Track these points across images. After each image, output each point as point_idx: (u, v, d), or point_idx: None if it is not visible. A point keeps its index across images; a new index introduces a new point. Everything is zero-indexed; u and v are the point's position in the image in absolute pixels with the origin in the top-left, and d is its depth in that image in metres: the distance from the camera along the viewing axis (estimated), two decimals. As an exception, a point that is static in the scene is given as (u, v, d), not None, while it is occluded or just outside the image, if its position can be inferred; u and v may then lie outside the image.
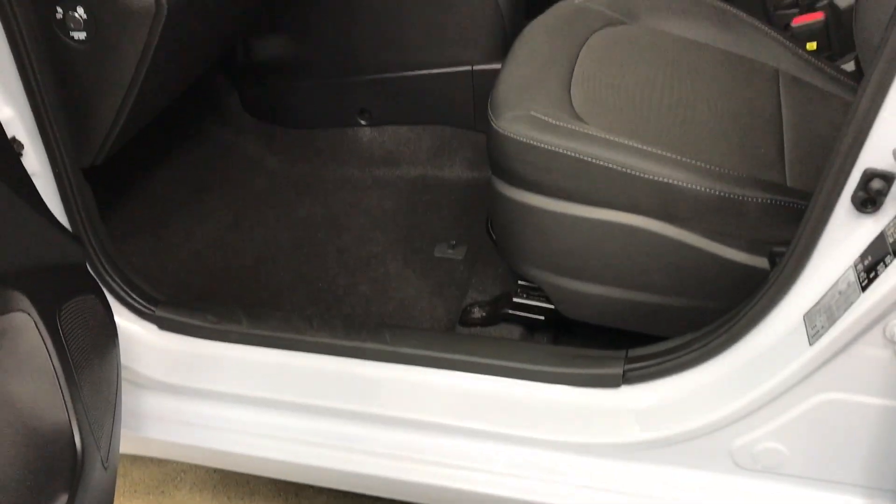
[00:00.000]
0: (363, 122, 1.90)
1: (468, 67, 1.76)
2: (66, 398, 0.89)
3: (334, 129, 1.93)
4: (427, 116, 1.86)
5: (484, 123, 1.28)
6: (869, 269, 0.91)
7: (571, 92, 1.29)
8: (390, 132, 1.91)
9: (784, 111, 1.32)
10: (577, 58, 1.36)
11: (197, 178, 1.87)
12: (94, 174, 1.27)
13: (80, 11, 1.11)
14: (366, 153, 1.92)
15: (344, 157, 1.92)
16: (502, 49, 1.74)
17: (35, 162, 1.16)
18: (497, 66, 1.73)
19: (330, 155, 1.93)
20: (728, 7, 1.50)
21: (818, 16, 1.55)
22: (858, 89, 0.89)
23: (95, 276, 1.19)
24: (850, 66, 1.48)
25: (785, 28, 1.64)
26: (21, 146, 1.14)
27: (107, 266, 1.23)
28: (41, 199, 1.03)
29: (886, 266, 0.88)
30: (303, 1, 1.72)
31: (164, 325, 1.27)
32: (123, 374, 1.17)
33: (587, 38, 1.41)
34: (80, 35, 1.13)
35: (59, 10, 1.11)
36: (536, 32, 1.45)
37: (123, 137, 1.27)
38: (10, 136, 1.11)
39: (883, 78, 0.86)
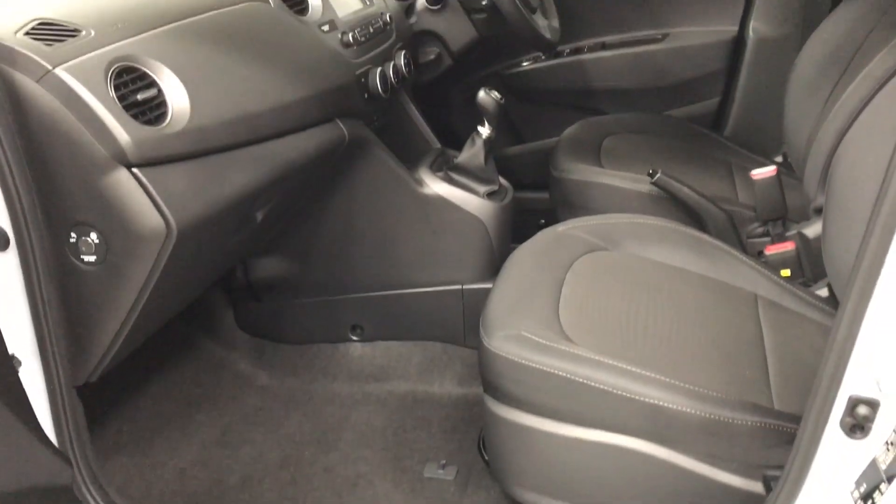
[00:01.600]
0: (355, 338, 1.94)
1: (458, 286, 1.83)
2: None
3: (326, 344, 1.96)
4: (418, 332, 1.90)
5: (473, 339, 1.31)
6: (865, 496, 0.91)
7: (560, 314, 1.33)
8: (381, 348, 1.94)
9: (765, 334, 1.36)
10: (564, 281, 1.42)
11: (186, 393, 1.86)
12: (85, 386, 1.28)
13: (93, 236, 1.17)
14: (356, 368, 1.94)
15: (334, 372, 1.94)
16: (491, 270, 1.82)
17: (31, 378, 1.16)
18: (486, 285, 1.80)
19: (320, 370, 1.94)
20: (703, 236, 1.59)
21: (790, 245, 1.64)
22: (836, 317, 0.93)
23: (79, 497, 1.16)
24: (823, 292, 1.55)
25: (759, 255, 1.73)
26: (19, 362, 1.15)
27: (91, 488, 1.20)
28: (35, 418, 1.02)
29: (882, 494, 0.88)
30: (303, 224, 1.81)
31: (143, 551, 1.23)
32: None
33: (572, 263, 1.48)
34: (90, 258, 1.18)
35: (73, 234, 1.17)
36: (524, 256, 1.52)
37: (120, 356, 1.29)
38: (10, 351, 1.12)
39: (857, 307, 0.90)
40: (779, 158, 2.22)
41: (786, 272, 1.62)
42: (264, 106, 1.36)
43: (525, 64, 2.43)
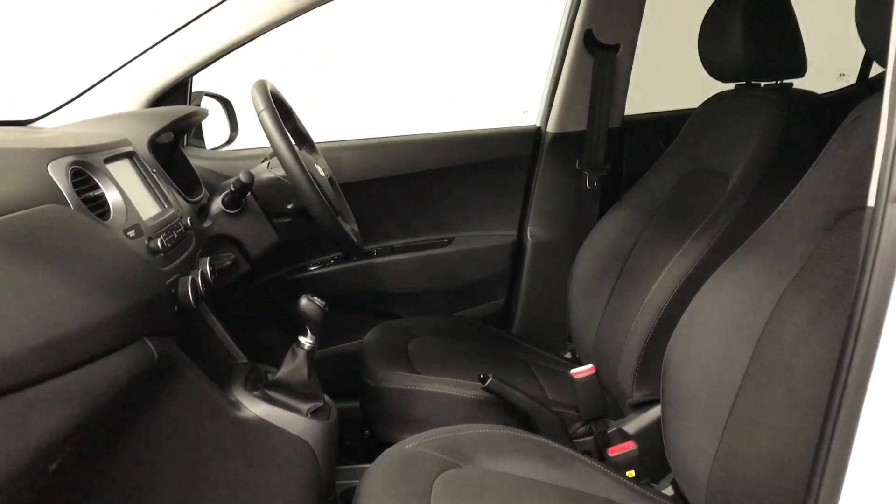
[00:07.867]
0: None
1: None
2: None
3: None
4: None
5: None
6: None
7: (440, 550, 1.18)
8: None
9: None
10: (431, 509, 1.28)
11: None
12: None
13: None
14: None
15: None
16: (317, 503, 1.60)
17: None
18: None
19: None
20: (550, 443, 1.55)
21: (631, 445, 1.65)
22: None
23: None
24: (668, 490, 1.56)
25: (585, 455, 1.72)
26: None
27: None
28: None
29: None
30: (89, 463, 1.46)
31: None
32: None
33: (431, 487, 1.34)
34: None
35: None
36: (376, 485, 1.35)
37: None
38: None
39: None
40: (567, 355, 2.30)
41: (630, 473, 1.62)
42: (75, 326, 1.10)
43: (313, 268, 2.33)
